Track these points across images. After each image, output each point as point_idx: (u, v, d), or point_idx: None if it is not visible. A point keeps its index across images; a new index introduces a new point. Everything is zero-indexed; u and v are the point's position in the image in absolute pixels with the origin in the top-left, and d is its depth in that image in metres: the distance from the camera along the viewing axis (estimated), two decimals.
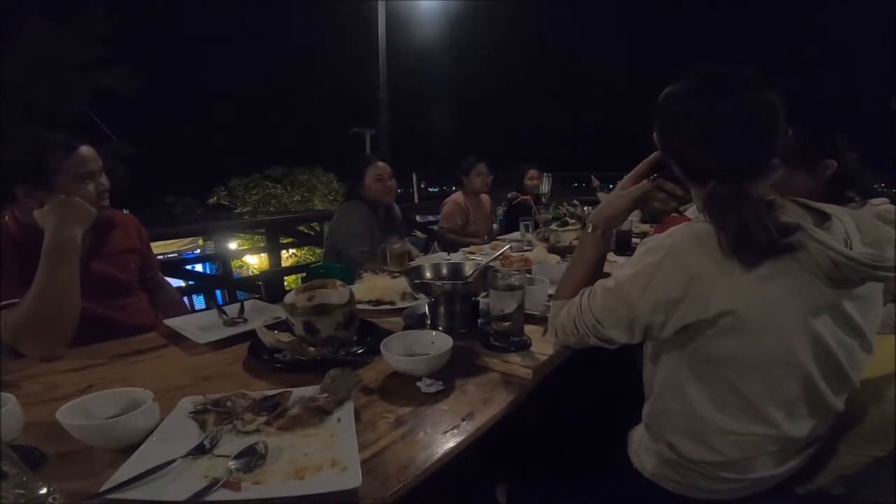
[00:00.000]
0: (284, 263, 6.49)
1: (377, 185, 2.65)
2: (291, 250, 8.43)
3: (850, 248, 0.79)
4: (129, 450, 0.77)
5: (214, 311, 1.51)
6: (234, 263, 6.48)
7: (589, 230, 1.13)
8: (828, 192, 1.47)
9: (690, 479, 0.95)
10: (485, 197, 3.78)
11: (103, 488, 0.67)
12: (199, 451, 0.78)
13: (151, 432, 0.83)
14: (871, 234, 0.83)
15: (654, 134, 1.00)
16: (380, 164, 2.67)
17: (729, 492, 0.94)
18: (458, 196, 3.68)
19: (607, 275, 1.03)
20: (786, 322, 0.81)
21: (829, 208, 0.88)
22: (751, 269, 0.79)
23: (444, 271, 1.50)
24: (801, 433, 0.90)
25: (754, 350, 0.82)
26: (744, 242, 0.79)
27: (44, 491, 0.68)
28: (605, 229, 1.12)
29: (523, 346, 1.20)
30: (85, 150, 1.40)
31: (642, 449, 1.03)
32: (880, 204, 1.39)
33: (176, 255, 8.05)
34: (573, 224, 2.68)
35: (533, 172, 4.01)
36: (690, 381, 0.90)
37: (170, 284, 1.91)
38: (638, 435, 1.06)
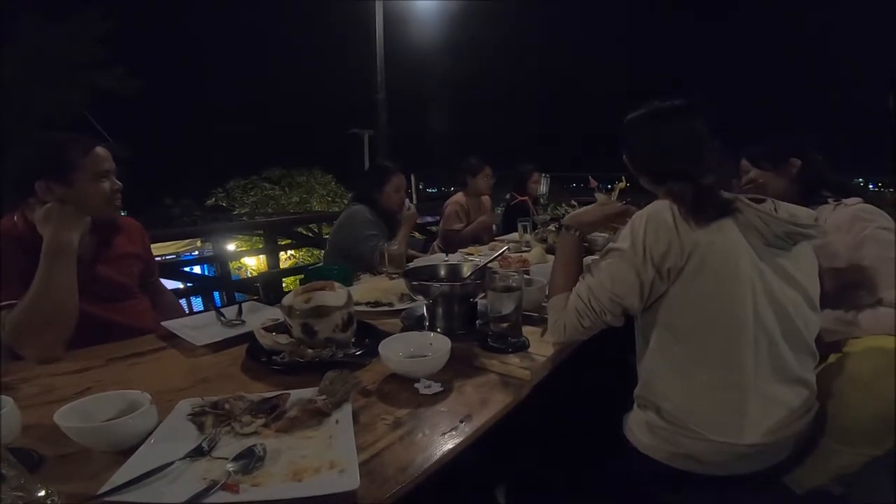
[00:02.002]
0: (283, 265, 6.49)
1: (396, 196, 2.67)
2: (290, 252, 8.43)
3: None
4: (127, 452, 0.77)
5: (212, 313, 1.51)
6: (233, 265, 6.48)
7: (564, 230, 1.29)
8: (801, 192, 1.50)
9: (680, 444, 1.00)
10: (485, 198, 3.79)
11: (101, 490, 0.67)
12: (198, 453, 0.78)
13: (150, 434, 0.83)
14: (787, 212, 1.04)
15: (624, 155, 1.24)
16: (400, 175, 2.70)
17: (717, 465, 0.99)
18: (459, 197, 3.69)
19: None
20: (739, 263, 0.97)
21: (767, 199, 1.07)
22: (704, 227, 0.98)
23: (442, 273, 1.50)
24: (773, 394, 0.98)
25: (718, 289, 0.97)
26: (697, 208, 1.00)
27: (42, 493, 0.68)
28: (582, 232, 1.29)
29: (521, 347, 1.20)
30: (101, 149, 1.46)
31: (635, 424, 1.09)
32: (853, 203, 1.41)
33: (174, 256, 8.05)
34: None
35: (537, 175, 4.02)
36: (673, 338, 1.02)
37: (166, 288, 1.91)
38: (631, 415, 1.12)
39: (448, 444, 0.85)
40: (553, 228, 2.72)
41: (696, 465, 0.99)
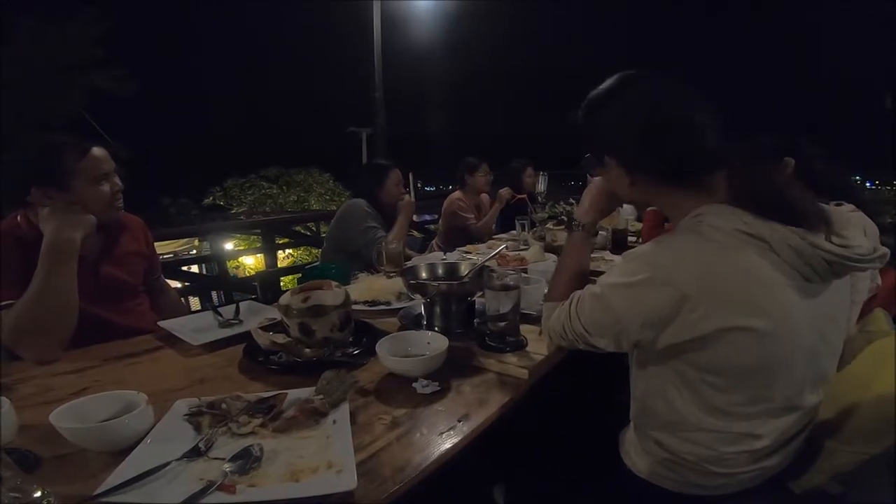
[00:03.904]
0: (281, 264, 6.48)
1: (396, 190, 2.69)
2: (288, 251, 8.42)
3: (831, 241, 0.80)
4: (124, 453, 0.77)
5: (210, 313, 1.51)
6: (231, 264, 6.47)
7: (576, 228, 1.18)
8: None
9: (683, 475, 0.95)
10: (485, 196, 3.79)
11: (97, 492, 0.67)
12: (194, 453, 0.77)
13: (146, 435, 0.82)
14: (839, 225, 0.83)
15: (612, 156, 0.96)
16: (397, 170, 2.72)
17: (722, 487, 0.95)
18: (458, 194, 3.69)
19: (595, 273, 1.05)
20: (786, 328, 0.81)
21: None
22: (755, 281, 0.78)
23: (440, 271, 1.50)
24: (780, 426, 0.91)
25: (755, 358, 0.82)
26: (780, 205, 0.80)
27: (38, 494, 0.68)
28: (586, 223, 1.17)
29: (519, 347, 1.20)
30: (98, 150, 1.42)
31: (632, 449, 1.03)
32: (848, 211, 1.32)
33: (172, 255, 8.02)
34: None
35: (531, 170, 4.01)
36: (676, 385, 0.90)
37: (171, 287, 1.90)
38: (628, 436, 1.06)
39: (446, 443, 0.85)
40: (552, 227, 2.72)
41: (699, 489, 0.96)
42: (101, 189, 1.41)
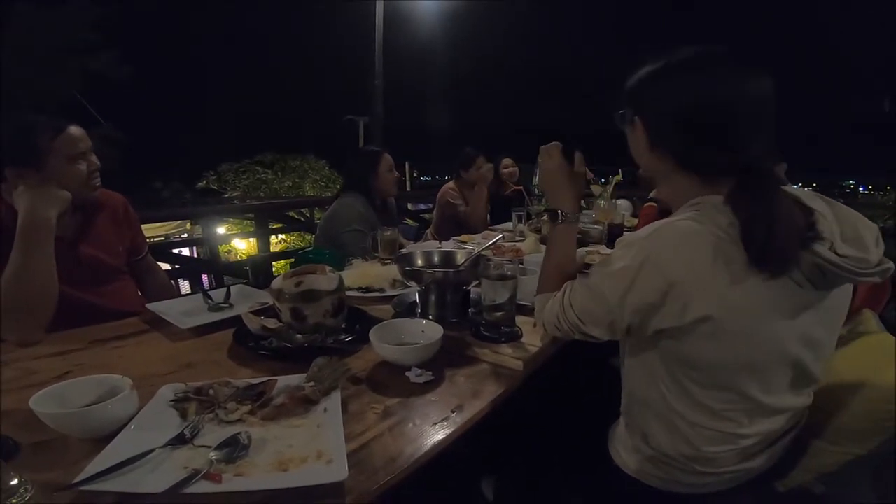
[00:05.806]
0: (273, 249, 6.45)
1: (390, 175, 2.67)
2: (281, 236, 8.39)
3: (834, 250, 0.76)
4: (106, 439, 0.75)
5: (199, 296, 1.48)
6: (223, 248, 6.43)
7: (552, 221, 1.14)
8: None
9: (671, 473, 0.94)
10: (478, 188, 3.75)
11: (77, 479, 0.65)
12: (179, 441, 0.75)
13: (130, 421, 0.80)
14: (850, 228, 0.79)
15: (643, 120, 0.93)
16: (387, 155, 2.70)
17: (708, 485, 0.94)
18: (451, 184, 3.66)
19: (586, 264, 1.02)
20: (763, 331, 0.80)
21: (807, 198, 0.82)
22: (736, 279, 0.76)
23: (436, 259, 1.48)
24: (767, 428, 0.90)
25: (727, 356, 0.81)
26: (767, 251, 0.74)
27: (15, 482, 0.66)
28: (565, 208, 1.13)
29: (514, 337, 1.19)
30: (74, 129, 1.39)
31: (621, 446, 1.02)
32: None
33: (163, 238, 7.95)
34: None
35: (507, 161, 3.96)
36: (665, 378, 0.89)
37: (160, 268, 1.86)
38: (618, 431, 1.05)
39: (439, 434, 0.83)
40: (546, 219, 2.70)
41: (685, 488, 0.95)
42: (77, 168, 1.38)
